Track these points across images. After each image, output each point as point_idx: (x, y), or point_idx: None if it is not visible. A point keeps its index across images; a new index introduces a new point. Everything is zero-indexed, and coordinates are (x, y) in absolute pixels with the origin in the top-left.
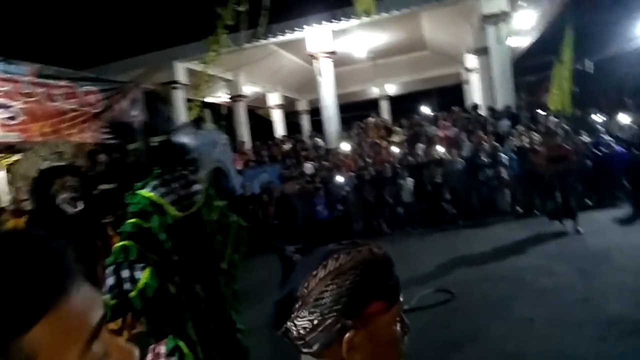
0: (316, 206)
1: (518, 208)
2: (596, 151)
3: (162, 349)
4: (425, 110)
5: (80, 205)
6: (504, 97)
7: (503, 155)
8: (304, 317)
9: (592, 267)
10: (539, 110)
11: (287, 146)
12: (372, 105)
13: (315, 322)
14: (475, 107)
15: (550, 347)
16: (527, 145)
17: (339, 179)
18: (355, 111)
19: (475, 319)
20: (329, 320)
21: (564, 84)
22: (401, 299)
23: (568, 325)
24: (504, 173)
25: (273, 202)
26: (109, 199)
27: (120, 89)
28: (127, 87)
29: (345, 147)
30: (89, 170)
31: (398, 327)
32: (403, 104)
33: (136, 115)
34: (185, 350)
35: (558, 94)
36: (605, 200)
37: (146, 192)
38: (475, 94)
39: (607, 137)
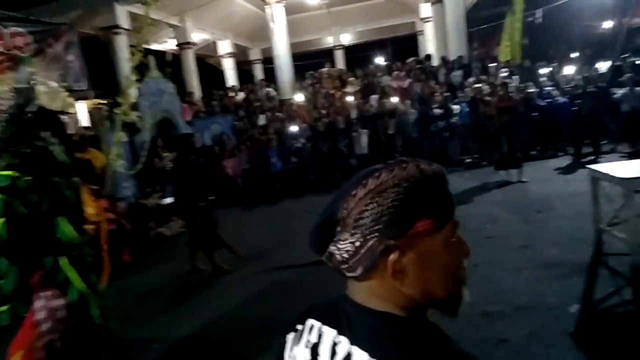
0: (270, 158)
1: (468, 158)
2: (541, 102)
3: (56, 302)
4: (380, 60)
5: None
6: (457, 48)
7: (455, 106)
8: (346, 239)
9: (534, 215)
10: (490, 62)
11: (239, 96)
12: (326, 54)
13: (357, 244)
14: (429, 57)
15: (490, 288)
16: (478, 97)
17: (293, 130)
18: (309, 60)
19: None
20: (371, 242)
21: (515, 35)
22: (456, 219)
23: (508, 269)
24: (455, 124)
25: (226, 154)
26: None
27: (53, 31)
28: (61, 29)
29: (299, 97)
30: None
31: (454, 250)
32: (358, 54)
33: (72, 60)
34: (92, 299)
35: (509, 45)
36: (548, 150)
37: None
38: (429, 44)
39: (550, 89)
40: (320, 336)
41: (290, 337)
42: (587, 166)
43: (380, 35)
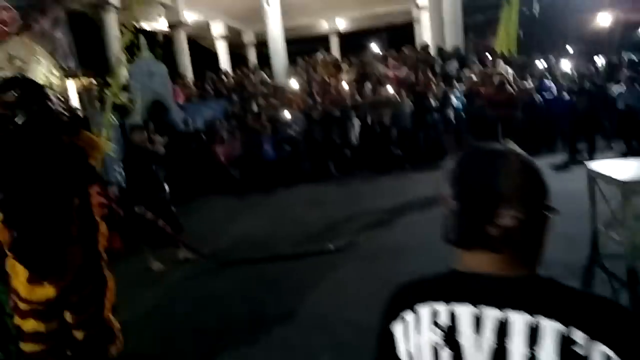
0: (263, 146)
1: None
2: (538, 96)
3: None
4: (375, 48)
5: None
6: (454, 38)
7: (451, 98)
8: (509, 214)
9: None
10: (486, 53)
11: (232, 81)
12: (321, 40)
13: (522, 217)
14: (425, 47)
15: None
16: (474, 89)
17: (287, 117)
18: (304, 45)
19: (417, 261)
20: (535, 214)
21: (511, 27)
22: None
23: None
24: (451, 116)
25: (218, 140)
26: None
27: (39, 7)
28: (47, 4)
29: (293, 83)
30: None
31: None
32: (353, 41)
33: (60, 38)
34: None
35: (505, 37)
36: (545, 146)
37: None
38: (426, 33)
39: (549, 83)
40: (452, 316)
41: (400, 328)
42: (586, 164)
43: (376, 22)
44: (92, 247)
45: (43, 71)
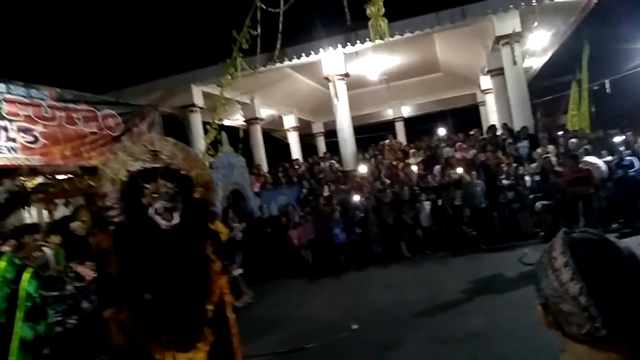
0: (333, 230)
1: (541, 231)
2: (619, 171)
3: None
4: (442, 131)
5: (177, 219)
6: (521, 118)
7: (524, 176)
8: None
9: None
10: (558, 132)
11: (303, 168)
12: (387, 126)
13: None
14: (492, 128)
15: None
16: (549, 167)
17: (357, 201)
18: (371, 133)
19: (500, 347)
20: None
21: (582, 104)
22: None
23: None
24: (526, 195)
25: (291, 224)
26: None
27: (139, 112)
28: (146, 110)
29: (362, 169)
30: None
31: None
32: (418, 125)
33: None
34: None
35: (576, 114)
36: (635, 223)
37: None
38: (492, 115)
39: (629, 158)
40: None
41: None
42: None
43: (440, 107)
44: (224, 330)
45: (190, 164)
